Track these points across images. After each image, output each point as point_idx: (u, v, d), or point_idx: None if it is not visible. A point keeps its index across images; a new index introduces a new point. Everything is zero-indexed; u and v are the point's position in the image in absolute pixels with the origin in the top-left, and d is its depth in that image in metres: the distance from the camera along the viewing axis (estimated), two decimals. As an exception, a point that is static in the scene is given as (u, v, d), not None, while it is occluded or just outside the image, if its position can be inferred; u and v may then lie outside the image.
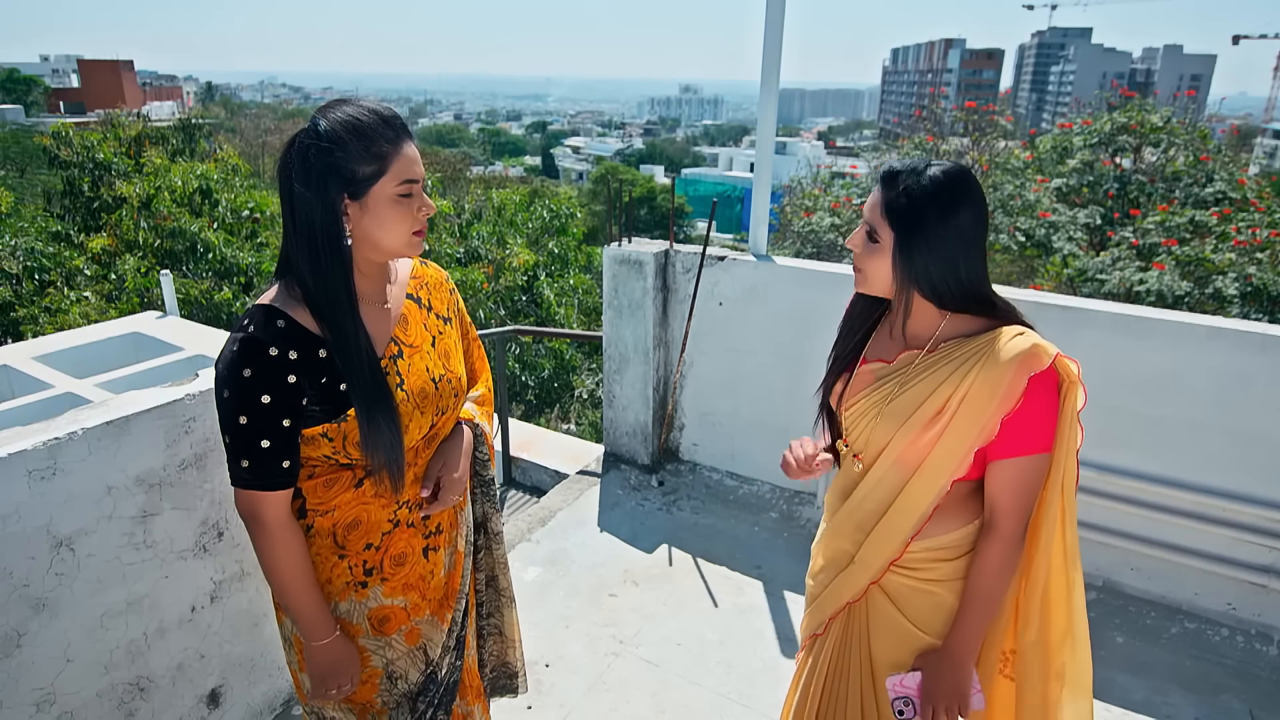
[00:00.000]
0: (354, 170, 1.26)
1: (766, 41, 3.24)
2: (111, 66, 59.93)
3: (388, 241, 1.32)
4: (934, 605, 1.46)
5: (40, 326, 9.30)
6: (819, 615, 1.61)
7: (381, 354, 1.37)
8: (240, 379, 1.24)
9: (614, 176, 35.84)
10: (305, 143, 1.26)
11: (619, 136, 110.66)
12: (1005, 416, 1.31)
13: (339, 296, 1.29)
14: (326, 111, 1.29)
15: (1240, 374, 2.68)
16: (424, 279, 1.54)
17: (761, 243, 3.59)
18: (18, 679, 1.74)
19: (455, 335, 1.57)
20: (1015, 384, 1.29)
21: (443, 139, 65.72)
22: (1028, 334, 1.33)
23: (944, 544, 1.43)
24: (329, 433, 1.32)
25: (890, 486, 1.44)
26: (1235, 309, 7.50)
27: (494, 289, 11.37)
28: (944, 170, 1.32)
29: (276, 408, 1.26)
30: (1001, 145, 11.03)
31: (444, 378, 1.46)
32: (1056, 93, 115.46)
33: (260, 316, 1.27)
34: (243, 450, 1.27)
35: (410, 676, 1.51)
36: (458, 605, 1.58)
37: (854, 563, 1.51)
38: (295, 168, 1.26)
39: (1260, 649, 2.76)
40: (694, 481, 3.85)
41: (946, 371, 1.35)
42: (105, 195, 11.81)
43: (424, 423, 1.42)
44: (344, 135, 1.25)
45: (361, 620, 1.45)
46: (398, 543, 1.45)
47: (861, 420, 1.46)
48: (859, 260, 1.41)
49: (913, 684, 1.44)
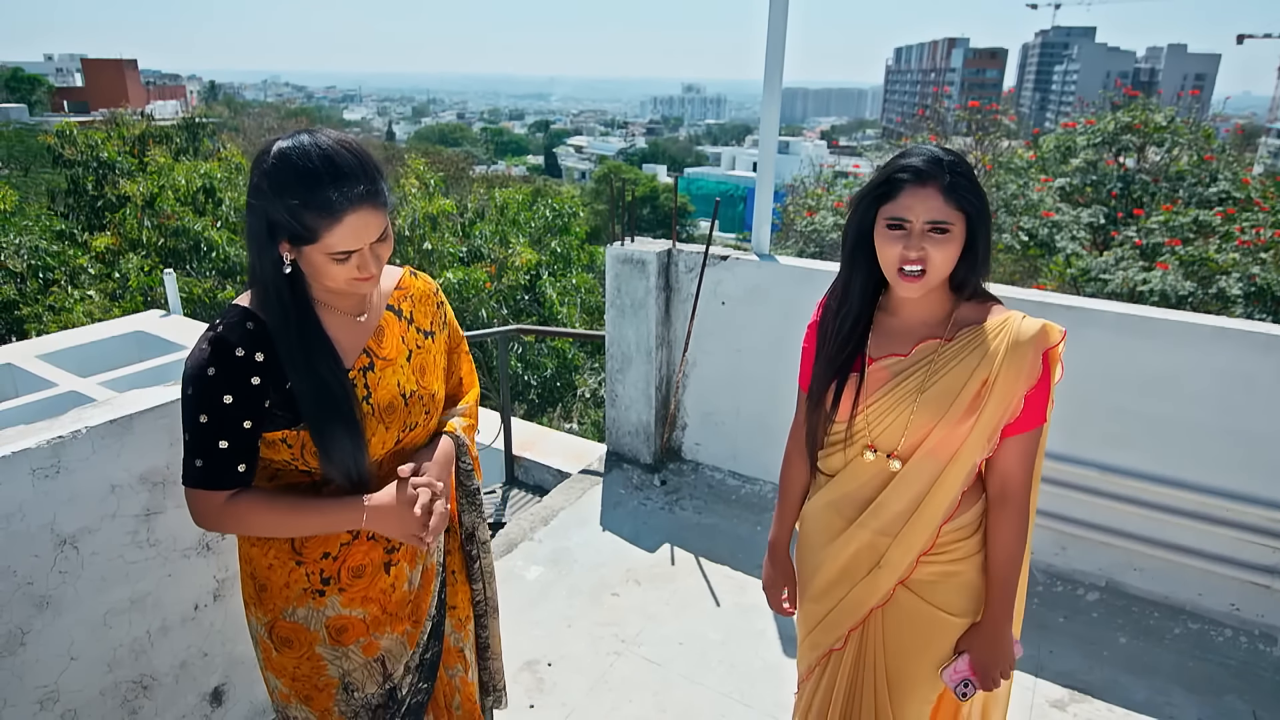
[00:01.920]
0: (290, 224, 1.22)
1: (770, 41, 3.24)
2: (115, 65, 60.04)
3: (326, 284, 1.33)
4: (960, 586, 1.49)
5: (44, 325, 9.33)
6: (836, 630, 1.59)
7: (351, 365, 1.36)
8: (205, 377, 1.25)
9: (617, 176, 35.86)
10: (255, 179, 1.25)
11: (622, 136, 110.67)
12: (1028, 393, 1.38)
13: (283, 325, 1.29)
14: (287, 147, 1.23)
15: (1244, 374, 2.67)
16: (409, 291, 1.52)
17: (764, 242, 3.59)
18: (21, 677, 1.74)
19: (438, 349, 1.55)
20: (1035, 362, 1.37)
21: (445, 138, 65.75)
22: (1029, 316, 1.41)
23: (965, 522, 1.47)
24: (288, 439, 1.32)
25: (924, 479, 1.45)
26: (1239, 309, 7.49)
27: (497, 288, 11.37)
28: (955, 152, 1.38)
29: (237, 408, 1.26)
30: (1005, 145, 11.01)
31: (415, 393, 1.44)
32: (1060, 92, 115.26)
33: (231, 318, 1.28)
34: (199, 449, 1.27)
35: (367, 689, 1.49)
36: (425, 626, 1.55)
37: (880, 566, 1.51)
38: (250, 198, 1.26)
39: (1264, 650, 2.76)
40: (696, 481, 3.85)
41: (977, 356, 1.38)
42: (109, 194, 11.84)
43: (388, 438, 1.41)
44: (282, 189, 1.21)
45: (319, 628, 1.43)
46: (356, 554, 1.43)
47: (889, 415, 1.45)
48: (927, 259, 1.34)
49: (964, 666, 1.50)
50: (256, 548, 1.43)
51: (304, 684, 1.47)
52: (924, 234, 1.34)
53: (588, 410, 11.52)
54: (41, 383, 4.42)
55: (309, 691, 1.47)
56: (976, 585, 1.49)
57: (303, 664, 1.45)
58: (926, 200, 1.33)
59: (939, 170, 1.33)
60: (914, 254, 1.34)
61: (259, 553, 1.42)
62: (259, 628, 1.47)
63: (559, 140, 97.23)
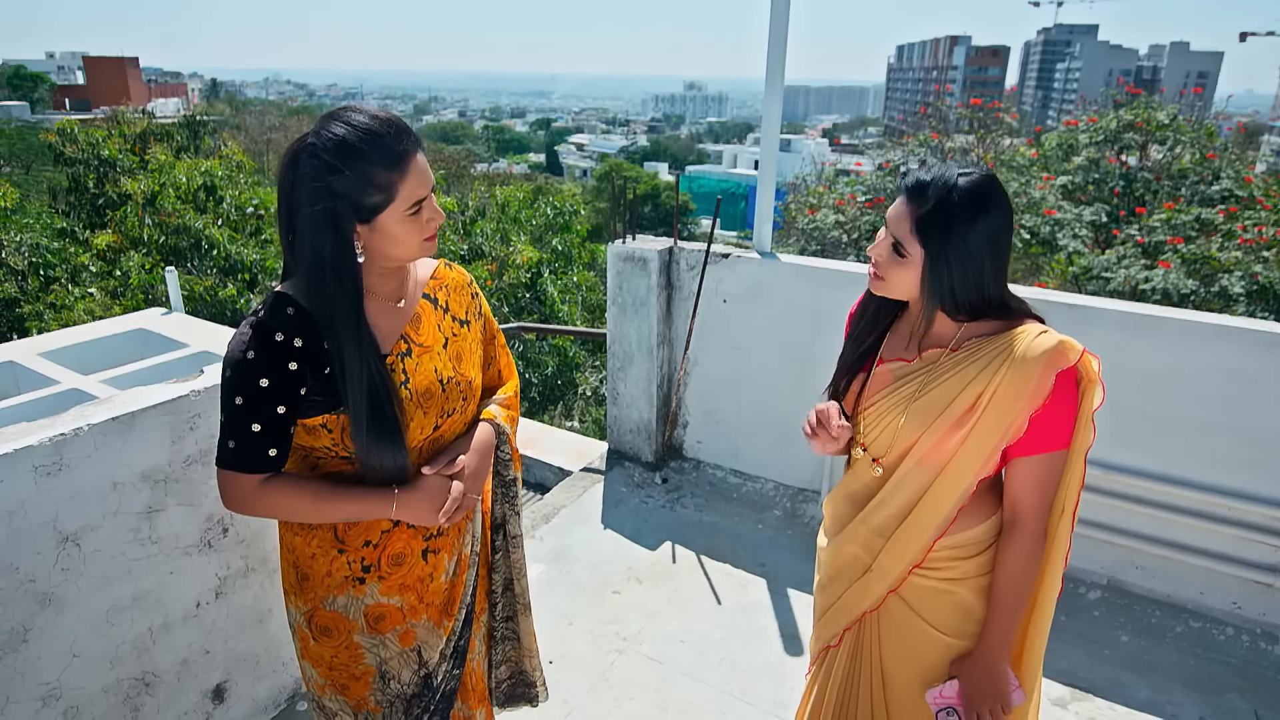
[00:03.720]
0: (359, 201, 1.25)
1: (771, 38, 3.23)
2: (117, 63, 60.03)
3: (398, 253, 1.34)
4: (953, 605, 1.44)
5: (45, 323, 9.33)
6: (832, 627, 1.58)
7: (389, 350, 1.38)
8: (244, 360, 1.26)
9: (618, 174, 35.84)
10: (306, 170, 1.24)
11: (623, 133, 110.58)
12: (1033, 414, 1.31)
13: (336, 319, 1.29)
14: (331, 127, 1.25)
15: (1246, 372, 2.67)
16: (444, 281, 1.54)
17: (766, 240, 3.59)
18: (24, 674, 1.75)
19: (473, 338, 1.56)
20: (1044, 381, 1.29)
21: (447, 136, 65.72)
22: (1051, 331, 1.33)
23: (965, 541, 1.42)
24: (328, 424, 1.33)
25: (914, 488, 1.42)
26: (1241, 307, 7.47)
27: (498, 286, 11.37)
28: (973, 183, 1.29)
29: (273, 392, 1.27)
30: (1007, 143, 10.99)
31: (452, 379, 1.46)
32: (1062, 90, 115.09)
33: (272, 302, 1.30)
34: (233, 430, 1.29)
35: (403, 678, 1.50)
36: (459, 614, 1.57)
37: (871, 571, 1.49)
38: (300, 195, 1.25)
39: (1265, 648, 2.76)
40: (697, 479, 3.85)
41: (975, 369, 1.33)
42: (110, 192, 11.83)
43: (427, 423, 1.42)
44: (349, 161, 1.23)
45: (358, 616, 1.45)
46: (396, 542, 1.45)
47: (882, 420, 1.44)
48: (882, 269, 1.36)
49: (952, 693, 1.44)
50: (300, 536, 1.44)
51: (341, 673, 1.48)
52: (887, 245, 1.34)
53: (589, 408, 11.53)
54: (43, 380, 4.42)
55: (346, 680, 1.48)
56: (974, 608, 1.44)
57: (340, 653, 1.47)
58: (899, 218, 1.33)
59: (921, 198, 1.30)
60: (872, 254, 1.36)
61: (302, 541, 1.43)
62: (298, 616, 1.47)
63: (560, 138, 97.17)
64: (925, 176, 1.31)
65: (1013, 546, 1.38)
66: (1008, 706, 1.42)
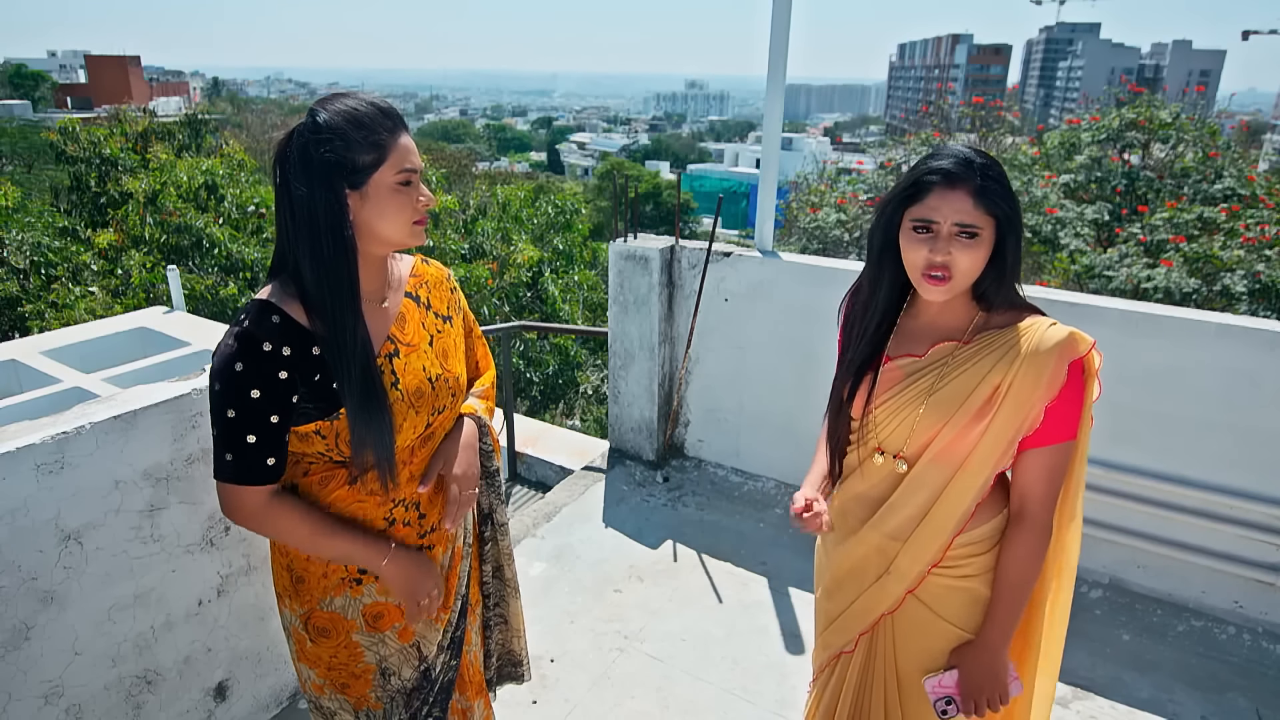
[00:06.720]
0: (354, 159, 1.27)
1: (773, 37, 3.23)
2: (118, 62, 60.03)
3: (388, 231, 1.33)
4: (970, 600, 1.45)
5: (47, 322, 9.34)
6: (846, 634, 1.57)
7: (377, 351, 1.37)
8: (232, 372, 1.25)
9: (619, 172, 35.82)
10: (305, 136, 1.26)
11: (624, 132, 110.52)
12: (1048, 405, 1.32)
13: (340, 288, 1.28)
14: (324, 104, 1.30)
15: (1248, 371, 2.66)
16: (424, 277, 1.54)
17: (767, 239, 3.59)
18: (26, 671, 1.75)
19: (455, 334, 1.56)
20: (1058, 371, 1.31)
21: (448, 134, 65.68)
22: (1059, 324, 1.34)
23: (979, 537, 1.43)
24: (322, 430, 1.32)
25: (931, 487, 1.41)
26: (1243, 306, 7.46)
27: (499, 285, 11.37)
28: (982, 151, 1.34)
29: (265, 403, 1.26)
30: (1009, 141, 10.99)
31: (441, 377, 1.46)
32: (1064, 88, 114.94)
33: (256, 311, 1.28)
34: (228, 443, 1.27)
35: (404, 674, 1.51)
36: (454, 605, 1.58)
37: (889, 573, 1.48)
38: (294, 161, 1.26)
39: (1267, 647, 2.75)
40: (699, 477, 3.85)
41: (991, 360, 1.34)
42: (112, 190, 11.85)
43: (419, 422, 1.42)
44: (343, 125, 1.26)
45: (356, 616, 1.45)
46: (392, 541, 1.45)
47: (898, 415, 1.43)
48: (953, 264, 1.31)
49: (950, 682, 1.45)
50: None
51: (340, 672, 1.48)
52: (951, 237, 1.30)
53: (590, 407, 11.53)
54: (45, 379, 4.43)
55: (345, 679, 1.49)
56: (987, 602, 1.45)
57: (339, 652, 1.47)
58: (955, 202, 1.29)
59: (969, 172, 1.29)
60: (939, 257, 1.30)
61: None
62: (294, 619, 1.47)
63: (562, 137, 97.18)
64: (947, 163, 1.31)
65: (1019, 538, 1.39)
66: (1005, 697, 1.43)
